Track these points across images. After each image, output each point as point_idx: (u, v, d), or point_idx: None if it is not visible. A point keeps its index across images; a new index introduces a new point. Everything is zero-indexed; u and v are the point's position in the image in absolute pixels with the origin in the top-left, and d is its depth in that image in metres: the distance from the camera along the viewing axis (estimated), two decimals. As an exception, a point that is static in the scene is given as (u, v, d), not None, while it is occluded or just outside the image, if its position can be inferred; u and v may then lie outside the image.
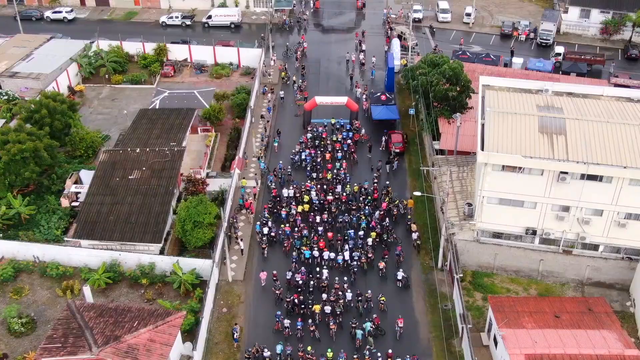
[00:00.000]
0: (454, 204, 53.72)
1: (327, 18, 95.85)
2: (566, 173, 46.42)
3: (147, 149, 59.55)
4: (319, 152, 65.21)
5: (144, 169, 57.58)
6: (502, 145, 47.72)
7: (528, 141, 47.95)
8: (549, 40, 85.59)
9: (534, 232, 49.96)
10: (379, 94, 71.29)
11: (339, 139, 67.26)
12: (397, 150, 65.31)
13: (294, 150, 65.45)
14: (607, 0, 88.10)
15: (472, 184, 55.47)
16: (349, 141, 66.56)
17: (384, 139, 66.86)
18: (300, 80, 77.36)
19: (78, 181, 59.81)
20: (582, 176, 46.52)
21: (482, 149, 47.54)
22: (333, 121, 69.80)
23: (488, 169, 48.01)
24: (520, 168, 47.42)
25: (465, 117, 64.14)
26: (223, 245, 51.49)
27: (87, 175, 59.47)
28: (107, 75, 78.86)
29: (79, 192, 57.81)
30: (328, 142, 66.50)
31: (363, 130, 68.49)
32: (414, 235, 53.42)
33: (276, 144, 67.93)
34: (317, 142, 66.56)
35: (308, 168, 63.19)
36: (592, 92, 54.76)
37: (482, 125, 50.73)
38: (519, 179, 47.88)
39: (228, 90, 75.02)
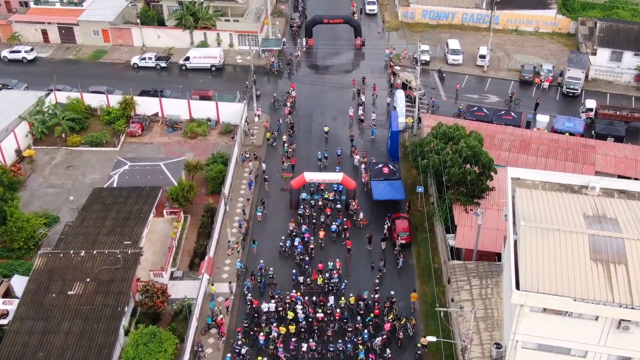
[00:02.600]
0: (477, 336, 42.29)
1: (321, 58, 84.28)
2: (630, 321, 35.10)
3: (94, 252, 48.13)
4: (312, 237, 54.75)
5: (87, 280, 46.19)
6: (544, 280, 36.24)
7: (578, 274, 36.49)
8: (576, 90, 74.05)
9: (583, 386, 38.56)
10: (380, 166, 59.90)
11: (330, 198, 58.51)
12: (403, 242, 53.96)
13: (283, 237, 54.79)
14: (641, 42, 76.85)
15: (498, 308, 44.03)
16: (338, 205, 58.02)
17: (386, 225, 55.48)
18: (287, 145, 65.79)
19: (10, 290, 48.49)
20: (651, 324, 35.21)
21: (517, 287, 36.12)
22: (326, 129, 67.42)
23: (525, 309, 36.62)
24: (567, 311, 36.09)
25: (485, 203, 52.90)
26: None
27: (20, 284, 48.09)
28: (63, 135, 67.49)
29: (8, 308, 46.43)
30: (320, 202, 58.42)
31: (362, 214, 57.05)
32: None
33: (259, 214, 57.23)
34: (312, 201, 58.34)
35: (297, 259, 52.56)
36: (651, 189, 43.45)
37: (515, 242, 39.42)
38: (565, 322, 36.52)
39: (202, 160, 63.60)
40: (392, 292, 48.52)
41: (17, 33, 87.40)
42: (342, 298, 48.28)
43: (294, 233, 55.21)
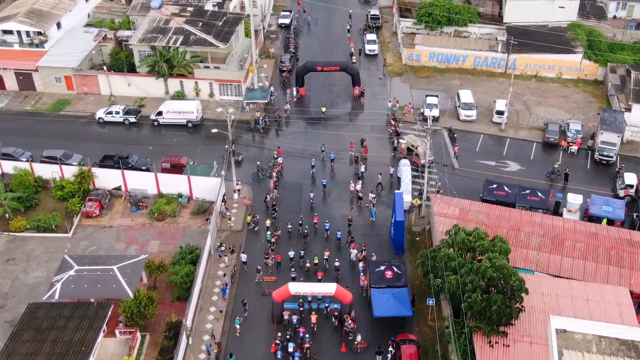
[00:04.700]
0: None
1: (314, 111, 73.31)
2: None
3: (16, 411, 37.60)
4: (306, 334, 45.88)
5: None
6: None
7: None
8: (611, 157, 63.38)
9: None
10: (382, 268, 49.37)
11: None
12: (411, 377, 43.46)
13: (279, 334, 46.44)
14: (685, 98, 66.20)
15: None
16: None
17: (390, 354, 44.87)
18: (269, 234, 55.12)
19: None
20: None
21: None
22: (324, 109, 70.09)
23: None
24: None
25: (513, 332, 42.37)
26: None
27: None
28: (6, 215, 57.03)
29: None
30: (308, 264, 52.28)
31: (359, 337, 46.37)
32: None
33: (238, 326, 47.02)
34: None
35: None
36: None
37: None
38: None
39: (169, 251, 53.27)
40: None
41: (-32, 80, 76.96)
42: None
43: (289, 335, 46.42)
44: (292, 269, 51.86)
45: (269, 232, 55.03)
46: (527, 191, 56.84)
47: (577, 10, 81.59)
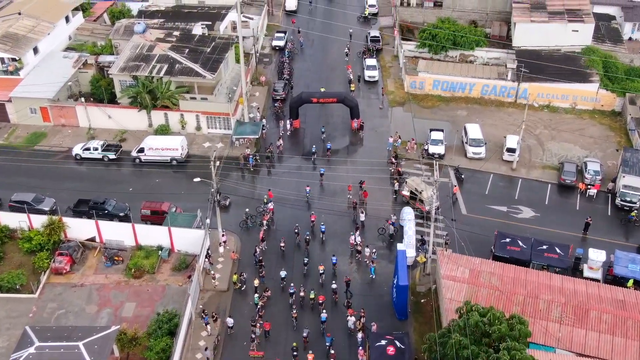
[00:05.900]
0: None
1: (310, 144, 67.80)
2: None
3: None
4: None
5: None
6: None
7: None
8: (635, 203, 57.75)
9: None
10: (384, 343, 43.73)
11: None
12: None
13: None
14: None
15: None
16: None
17: None
18: (257, 296, 49.51)
19: None
20: None
21: None
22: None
23: None
24: None
25: None
26: None
27: None
28: (-33, 272, 51.54)
29: None
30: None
31: None
32: None
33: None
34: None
35: None
36: None
37: None
38: None
39: (145, 314, 47.71)
40: None
41: (-63, 110, 71.32)
42: None
43: None
44: (292, 284, 49.82)
45: (256, 295, 49.42)
46: (544, 247, 51.14)
47: (592, 34, 76.00)
